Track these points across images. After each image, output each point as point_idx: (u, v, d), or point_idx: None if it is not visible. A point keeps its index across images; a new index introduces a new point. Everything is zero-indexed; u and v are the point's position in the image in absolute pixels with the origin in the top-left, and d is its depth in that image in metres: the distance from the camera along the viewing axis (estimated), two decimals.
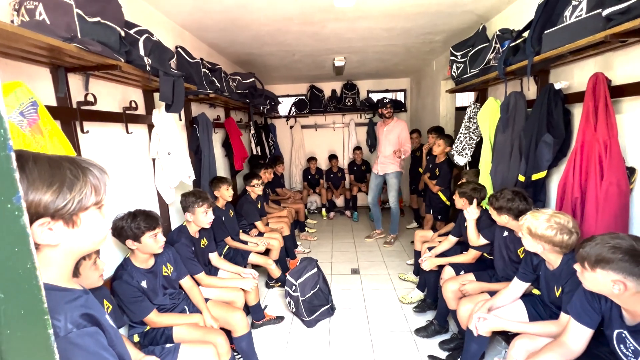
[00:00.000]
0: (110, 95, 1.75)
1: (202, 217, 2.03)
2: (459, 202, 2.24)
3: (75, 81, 1.51)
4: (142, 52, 1.51)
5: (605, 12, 1.24)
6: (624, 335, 1.15)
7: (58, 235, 0.62)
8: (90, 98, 1.48)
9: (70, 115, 1.42)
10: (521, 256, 1.86)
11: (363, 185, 5.21)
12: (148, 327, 1.64)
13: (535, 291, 1.75)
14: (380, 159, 3.87)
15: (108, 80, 1.69)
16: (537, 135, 1.81)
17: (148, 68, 1.52)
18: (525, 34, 1.88)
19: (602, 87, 1.45)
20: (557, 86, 1.76)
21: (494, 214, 1.85)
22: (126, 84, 1.84)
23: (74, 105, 1.45)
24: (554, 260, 1.48)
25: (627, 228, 1.46)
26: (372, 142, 5.27)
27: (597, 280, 1.10)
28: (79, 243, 0.66)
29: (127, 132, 1.81)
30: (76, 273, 1.13)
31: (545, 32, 1.59)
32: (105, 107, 1.68)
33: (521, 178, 1.94)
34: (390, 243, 3.93)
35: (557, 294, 1.52)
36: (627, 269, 1.03)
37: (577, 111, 1.76)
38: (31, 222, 0.59)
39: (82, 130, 1.47)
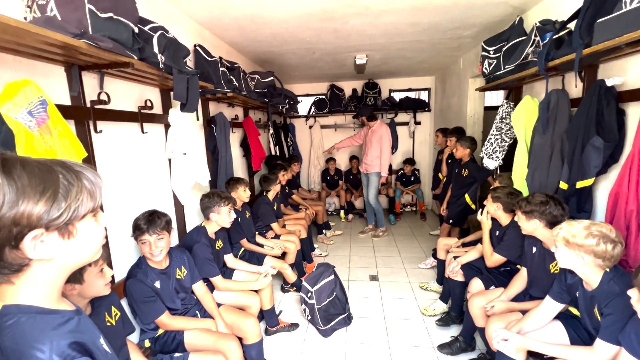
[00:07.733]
0: (126, 94, 1.72)
1: (227, 217, 2.05)
2: (492, 206, 2.05)
3: (90, 80, 1.48)
4: (156, 49, 1.46)
5: None
6: None
7: (52, 248, 0.55)
8: (103, 97, 1.45)
9: (83, 115, 1.39)
10: (552, 271, 1.66)
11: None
12: (160, 332, 1.60)
13: (574, 311, 1.55)
14: (366, 159, 4.08)
15: (124, 78, 1.65)
16: (583, 138, 1.61)
17: (161, 66, 1.47)
18: (571, 25, 1.69)
19: None
20: (609, 83, 1.55)
21: (522, 220, 1.66)
22: (142, 83, 1.81)
23: (88, 104, 1.42)
24: (592, 278, 1.28)
25: None
26: (394, 143, 5.08)
27: None
28: (74, 255, 0.60)
29: (143, 131, 1.78)
30: (79, 279, 1.08)
31: (598, 20, 1.40)
32: (120, 106, 1.65)
33: (563, 185, 1.74)
34: (379, 236, 4.17)
35: (600, 318, 1.33)
36: None
37: (633, 111, 1.54)
38: (23, 235, 0.52)
39: (95, 130, 1.43)
